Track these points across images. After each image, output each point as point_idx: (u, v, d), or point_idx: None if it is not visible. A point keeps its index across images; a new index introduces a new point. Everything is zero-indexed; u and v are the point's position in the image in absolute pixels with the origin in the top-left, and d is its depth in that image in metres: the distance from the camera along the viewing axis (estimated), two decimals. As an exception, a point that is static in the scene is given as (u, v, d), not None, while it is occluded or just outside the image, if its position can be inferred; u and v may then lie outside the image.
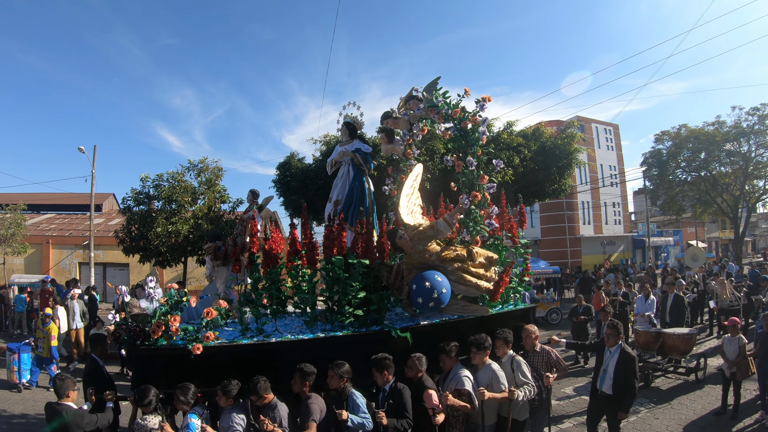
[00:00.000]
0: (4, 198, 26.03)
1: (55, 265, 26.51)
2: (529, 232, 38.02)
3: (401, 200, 5.15)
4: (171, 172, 16.09)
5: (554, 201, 24.99)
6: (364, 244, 4.53)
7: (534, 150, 14.37)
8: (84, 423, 4.00)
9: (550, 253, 33.00)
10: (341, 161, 5.90)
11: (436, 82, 5.57)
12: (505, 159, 13.14)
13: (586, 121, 34.52)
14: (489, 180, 4.89)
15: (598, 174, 35.79)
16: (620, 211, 38.78)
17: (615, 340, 4.99)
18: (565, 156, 14.84)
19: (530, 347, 4.94)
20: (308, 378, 4.07)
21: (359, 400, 4.03)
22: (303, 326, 4.76)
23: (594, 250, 34.24)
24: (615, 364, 4.89)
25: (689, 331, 8.65)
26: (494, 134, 14.34)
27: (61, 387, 4.05)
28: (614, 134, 38.87)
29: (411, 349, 4.39)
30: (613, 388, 4.87)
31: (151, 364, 4.28)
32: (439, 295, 4.41)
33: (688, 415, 6.93)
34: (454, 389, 4.25)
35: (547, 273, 19.72)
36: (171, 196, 15.55)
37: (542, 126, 15.97)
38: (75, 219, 31.12)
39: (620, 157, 38.92)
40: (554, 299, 17.22)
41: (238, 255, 4.61)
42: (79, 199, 31.18)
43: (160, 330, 4.12)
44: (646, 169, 29.88)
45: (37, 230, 27.47)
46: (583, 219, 35.75)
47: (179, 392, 3.98)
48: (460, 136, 5.06)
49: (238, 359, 4.31)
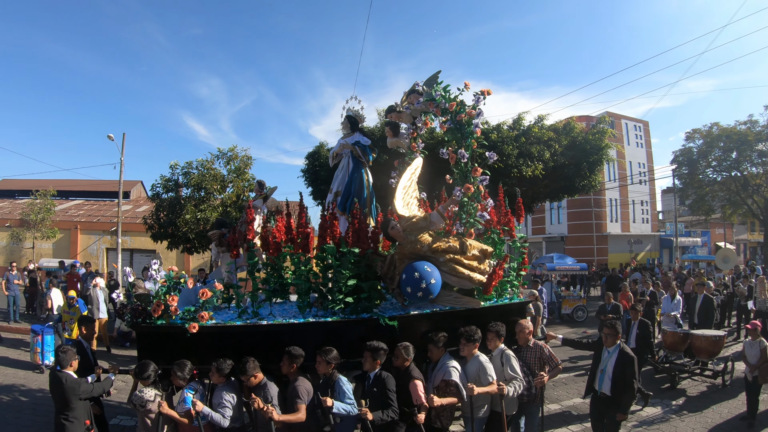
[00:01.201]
0: (34, 184, 27.14)
1: (83, 250, 27.41)
2: (555, 228, 37.86)
3: (397, 192, 5.23)
4: (200, 159, 16.31)
5: (582, 197, 24.56)
6: (355, 233, 4.63)
7: (565, 145, 14.17)
8: (80, 390, 4.36)
9: (576, 250, 32.47)
10: (342, 153, 6.02)
11: (436, 75, 5.60)
12: (536, 153, 13.15)
13: (616, 117, 33.55)
14: (482, 172, 4.90)
15: (626, 171, 34.91)
16: (648, 210, 37.87)
17: (613, 340, 4.90)
18: (596, 152, 14.54)
19: (523, 342, 4.95)
20: (296, 360, 4.22)
21: (345, 387, 4.15)
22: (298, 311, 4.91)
23: (621, 249, 33.76)
24: (614, 364, 4.80)
25: (718, 334, 8.52)
26: (525, 128, 14.23)
27: (64, 358, 4.43)
28: (644, 131, 37.79)
29: (400, 338, 4.49)
30: (612, 389, 4.79)
31: (152, 341, 4.56)
32: (428, 285, 4.47)
33: (714, 419, 6.82)
34: (441, 380, 4.34)
35: (574, 270, 19.54)
36: (200, 184, 15.73)
37: (573, 120, 15.68)
38: (103, 205, 32.11)
39: (650, 154, 37.82)
40: (580, 296, 17.08)
41: (235, 242, 4.76)
42: (108, 186, 32.22)
43: (160, 309, 4.35)
44: (676, 168, 29.03)
45: (65, 216, 28.44)
46: (611, 216, 35.05)
47: (176, 368, 4.23)
48: (456, 129, 5.09)
49: (232, 340, 4.51)
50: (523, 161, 13.14)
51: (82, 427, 4.36)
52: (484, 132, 13.65)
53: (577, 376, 9.01)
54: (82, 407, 4.42)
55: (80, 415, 4.36)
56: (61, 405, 4.32)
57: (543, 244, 38.24)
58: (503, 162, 12.77)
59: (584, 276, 20.49)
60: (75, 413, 4.32)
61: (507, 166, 12.93)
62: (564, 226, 36.13)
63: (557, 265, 19.41)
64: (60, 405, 4.33)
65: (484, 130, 13.80)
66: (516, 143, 13.36)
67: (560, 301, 16.14)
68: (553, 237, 37.32)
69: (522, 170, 13.06)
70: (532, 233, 38.11)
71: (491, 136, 13.38)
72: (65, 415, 4.29)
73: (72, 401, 4.30)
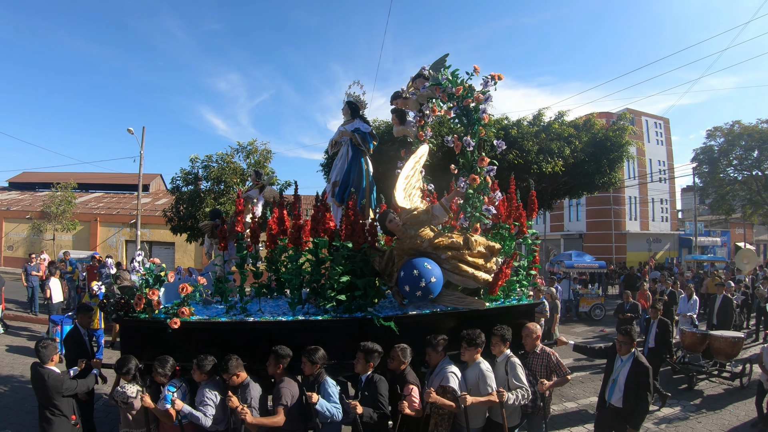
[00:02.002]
0: (54, 177, 27.64)
1: (103, 242, 27.87)
2: (574, 226, 37.55)
3: (398, 182, 4.86)
4: (220, 153, 16.29)
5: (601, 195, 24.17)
6: (349, 226, 4.30)
7: (585, 141, 13.96)
8: (63, 388, 4.18)
9: (595, 248, 32.08)
10: (341, 141, 5.68)
11: (444, 59, 5.20)
12: (556, 149, 13.01)
13: (636, 113, 33.09)
14: (490, 162, 4.49)
15: (646, 169, 34.30)
16: (668, 208, 37.29)
17: (628, 348, 4.45)
18: (616, 149, 14.28)
19: (530, 347, 4.56)
20: (282, 360, 3.94)
21: (331, 389, 3.87)
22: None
23: (639, 247, 33.46)
24: (626, 374, 4.36)
25: (737, 335, 8.30)
26: (545, 124, 14.05)
27: (44, 353, 4.21)
28: (665, 128, 37.10)
29: (397, 340, 4.15)
30: (624, 401, 4.35)
31: (135, 335, 4.36)
32: (427, 284, 4.10)
33: (730, 421, 6.68)
34: (439, 385, 3.98)
35: (592, 267, 19.15)
36: (220, 177, 15.73)
37: (594, 117, 15.39)
38: (123, 198, 32.65)
39: (670, 152, 37.12)
40: (598, 294, 16.87)
41: (223, 233, 4.48)
42: (127, 179, 32.67)
43: (141, 302, 4.14)
44: (696, 166, 28.31)
45: (85, 208, 28.96)
46: (630, 214, 34.68)
47: (157, 364, 4.03)
48: (462, 115, 4.68)
49: (216, 336, 4.25)
50: (543, 157, 13.01)
51: (68, 423, 4.21)
52: (505, 127, 13.46)
53: (593, 374, 8.84)
54: (68, 402, 4.26)
55: (65, 410, 4.21)
56: (45, 400, 4.17)
57: (561, 241, 38.00)
58: (523, 158, 12.67)
59: (602, 274, 20.08)
60: (59, 409, 4.17)
61: (527, 162, 12.79)
62: (582, 223, 35.86)
63: (576, 262, 19.20)
64: (44, 400, 4.18)
65: (505, 125, 13.65)
66: (536, 139, 13.28)
67: (578, 299, 16.04)
68: (572, 234, 37.05)
69: (542, 166, 12.91)
70: (551, 230, 37.82)
71: (511, 131, 13.22)
72: (50, 411, 4.15)
73: (54, 397, 4.14)
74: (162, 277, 4.20)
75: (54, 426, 4.12)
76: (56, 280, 10.68)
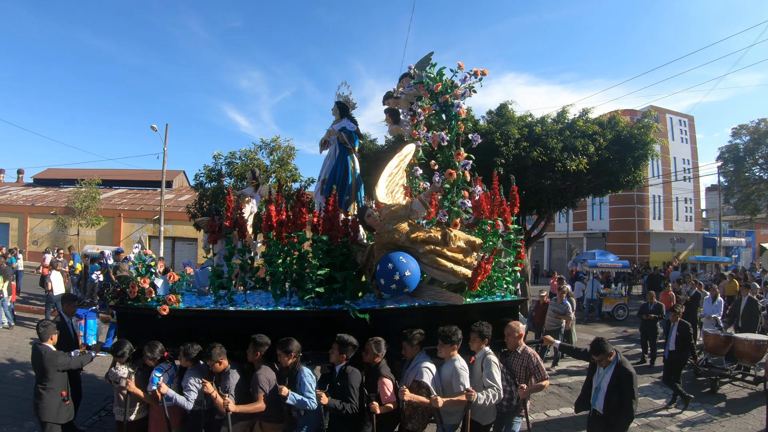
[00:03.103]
0: (78, 173, 28.62)
1: (126, 238, 28.69)
2: (597, 224, 36.93)
3: (381, 178, 4.97)
4: (244, 150, 16.61)
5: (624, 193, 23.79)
6: (327, 221, 4.43)
7: (609, 139, 13.76)
8: (58, 362, 4.53)
9: (618, 247, 31.41)
10: (329, 140, 5.83)
11: (429, 57, 5.26)
12: (580, 147, 12.90)
13: (660, 111, 32.22)
14: (466, 157, 4.54)
15: (670, 167, 33.42)
16: (692, 208, 36.19)
17: (607, 362, 4.30)
18: (641, 146, 13.99)
19: (512, 346, 4.52)
20: (260, 348, 4.11)
21: (306, 379, 4.00)
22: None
23: (663, 247, 32.64)
24: (609, 380, 4.24)
25: (762, 338, 8.17)
26: (569, 121, 14.03)
27: (44, 332, 4.60)
28: (689, 126, 35.96)
29: (373, 333, 4.26)
30: (605, 407, 4.25)
31: (130, 321, 4.67)
32: (402, 277, 4.19)
33: (754, 425, 6.57)
34: (413, 380, 4.06)
35: (616, 267, 18.94)
36: (243, 174, 15.83)
37: (618, 114, 15.17)
38: (146, 194, 33.53)
39: (694, 150, 35.93)
40: (622, 294, 16.71)
41: (213, 228, 4.68)
42: (151, 176, 33.47)
43: (135, 291, 4.41)
44: (721, 165, 27.45)
45: (109, 204, 29.95)
46: (654, 213, 33.89)
47: (147, 349, 4.29)
48: (440, 111, 4.76)
49: (201, 323, 4.49)
50: (567, 155, 12.88)
51: (58, 397, 4.54)
52: (529, 125, 13.48)
53: None
54: (60, 378, 4.58)
55: (57, 385, 4.53)
56: (40, 375, 4.51)
57: (584, 240, 37.42)
58: (547, 156, 12.66)
59: (626, 274, 19.79)
60: (52, 383, 4.49)
61: (551, 160, 12.76)
62: (606, 222, 35.20)
63: (599, 261, 19.08)
64: (39, 376, 4.52)
65: (528, 122, 13.67)
66: (560, 137, 13.16)
67: (601, 299, 15.92)
68: (594, 233, 36.41)
69: (566, 164, 12.80)
70: (573, 229, 37.46)
71: (535, 129, 13.24)
72: (43, 385, 4.48)
73: (49, 372, 4.47)
74: (152, 267, 4.42)
75: (45, 400, 4.45)
76: (57, 274, 11.17)
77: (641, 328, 10.28)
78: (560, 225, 37.44)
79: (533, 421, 6.68)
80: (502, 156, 12.51)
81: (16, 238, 28.96)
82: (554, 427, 6.47)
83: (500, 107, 14.33)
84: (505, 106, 14.17)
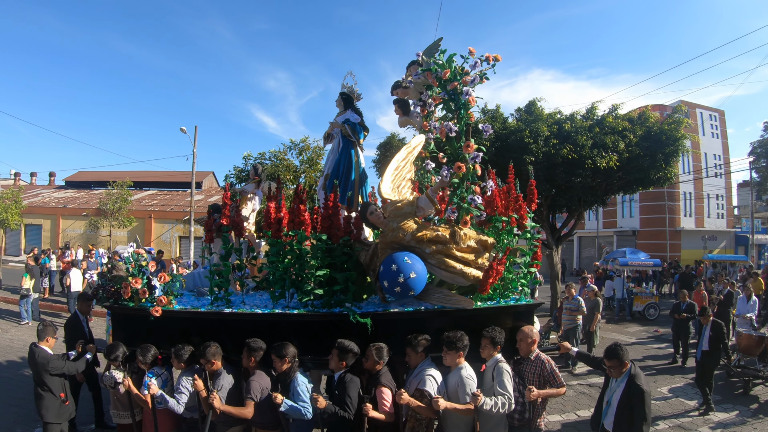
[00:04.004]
0: (109, 175, 29.40)
1: (157, 238, 29.31)
2: (627, 222, 36.03)
3: (387, 172, 4.65)
4: (273, 150, 16.76)
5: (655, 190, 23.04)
6: (326, 218, 4.15)
7: (639, 135, 13.48)
8: (50, 366, 4.46)
9: (648, 245, 30.65)
10: (333, 134, 5.55)
11: (437, 43, 4.91)
12: (610, 143, 12.72)
13: (690, 105, 31.42)
14: (477, 148, 4.18)
15: (701, 163, 32.36)
16: (723, 204, 35.01)
17: (620, 371, 3.92)
18: (672, 142, 13.63)
19: (525, 353, 4.16)
20: (254, 353, 3.90)
21: (301, 387, 3.76)
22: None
23: (694, 245, 31.73)
24: (620, 396, 3.85)
25: None
26: (599, 117, 13.81)
27: (42, 332, 4.58)
28: (719, 121, 34.79)
29: (375, 338, 3.97)
30: (614, 425, 3.84)
31: (124, 322, 4.55)
32: (406, 279, 3.87)
33: None
34: (416, 389, 3.76)
35: (647, 265, 18.37)
36: (273, 174, 15.95)
37: (648, 110, 14.79)
38: (176, 195, 34.24)
39: (725, 145, 34.79)
40: (653, 293, 16.33)
41: (210, 226, 4.48)
42: (181, 177, 34.22)
43: (128, 291, 4.27)
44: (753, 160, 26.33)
45: (140, 205, 30.69)
46: (684, 211, 32.99)
47: (139, 352, 4.17)
48: (449, 100, 4.40)
49: (195, 325, 4.33)
50: (597, 152, 12.66)
51: (57, 399, 4.49)
52: (558, 121, 13.28)
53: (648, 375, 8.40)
54: (57, 380, 4.53)
55: (55, 387, 4.50)
56: (37, 377, 4.49)
57: (614, 238, 36.55)
58: (577, 153, 12.46)
59: (657, 272, 19.09)
60: (49, 385, 4.45)
61: (581, 157, 12.53)
62: (636, 219, 34.33)
63: (630, 260, 18.45)
64: (36, 377, 4.50)
65: (558, 119, 13.48)
66: (590, 133, 12.93)
67: (632, 298, 15.62)
68: (625, 231, 35.50)
69: (596, 161, 12.56)
70: (603, 227, 36.66)
71: (565, 125, 13.05)
72: (41, 387, 4.46)
73: (43, 375, 4.43)
74: (144, 267, 4.26)
75: (44, 402, 4.42)
76: (77, 271, 11.41)
77: (673, 327, 10.15)
78: (590, 223, 36.59)
79: (564, 422, 6.58)
80: (532, 154, 12.33)
81: (49, 239, 29.97)
82: (584, 428, 6.24)
83: (529, 104, 14.12)
84: (534, 103, 13.95)
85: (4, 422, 5.51)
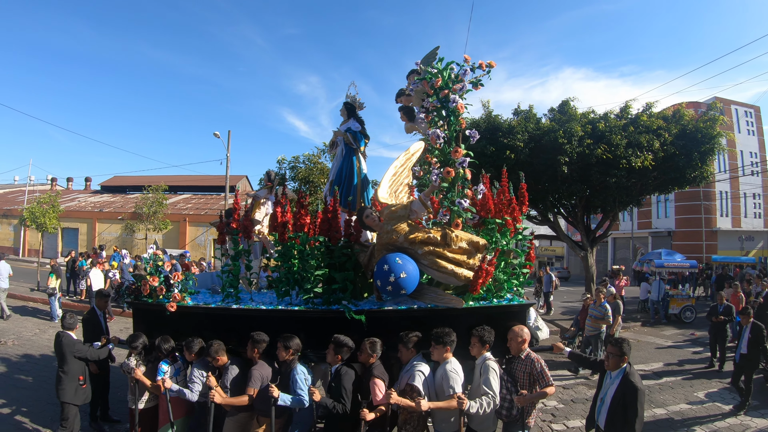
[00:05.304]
0: (144, 180, 30.69)
1: (191, 241, 30.28)
2: (662, 223, 35.09)
3: (384, 178, 4.92)
4: (307, 154, 17.19)
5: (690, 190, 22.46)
6: (325, 221, 4.46)
7: (674, 133, 13.19)
8: (75, 349, 5.02)
9: (684, 246, 29.64)
10: (337, 141, 5.89)
11: (434, 52, 5.14)
12: (645, 143, 12.54)
13: (725, 102, 30.17)
14: (464, 153, 4.38)
15: (737, 161, 30.97)
16: (761, 204, 33.47)
17: (617, 362, 3.91)
18: (708, 140, 13.30)
19: (515, 351, 4.27)
20: (257, 345, 4.23)
21: (299, 377, 4.06)
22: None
23: (731, 245, 30.66)
24: (613, 393, 3.85)
25: None
26: (633, 116, 13.62)
27: (68, 322, 5.16)
28: (755, 117, 33.35)
29: (370, 333, 4.22)
30: (607, 423, 3.85)
31: (143, 316, 5.02)
32: (397, 279, 4.11)
33: None
34: (407, 383, 3.98)
35: (683, 267, 17.88)
36: (307, 177, 16.52)
37: (682, 107, 14.39)
38: (210, 199, 35.30)
39: (762, 143, 33.29)
40: (689, 295, 15.91)
41: (222, 229, 4.85)
42: (215, 181, 35.25)
43: (147, 288, 4.71)
44: (790, 158, 24.99)
45: (175, 209, 31.85)
46: (721, 210, 31.75)
47: (161, 341, 4.58)
48: (441, 107, 4.64)
49: (206, 319, 4.73)
50: (632, 151, 12.50)
51: (75, 381, 5.00)
52: (592, 121, 13.19)
53: (685, 379, 8.70)
54: (78, 364, 5.05)
55: (75, 371, 5.01)
56: (60, 360, 5.00)
57: (649, 239, 35.37)
58: (612, 152, 12.33)
59: (693, 274, 18.56)
60: (70, 368, 4.97)
61: (615, 157, 12.39)
62: (671, 220, 33.29)
63: (666, 261, 18.17)
64: (59, 360, 5.01)
65: (591, 119, 13.34)
66: (624, 133, 12.75)
67: (667, 301, 15.18)
68: (660, 232, 34.37)
69: (631, 161, 12.38)
70: (638, 228, 35.47)
71: (599, 125, 12.89)
72: (62, 369, 4.97)
73: (67, 357, 4.94)
74: (160, 267, 4.66)
75: (63, 383, 4.92)
76: (97, 271, 12.03)
77: (710, 330, 9.87)
78: (624, 224, 35.55)
79: (574, 426, 6.51)
80: (566, 154, 12.22)
81: (85, 242, 31.38)
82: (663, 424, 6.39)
83: (562, 104, 14.04)
84: (567, 103, 13.86)
85: (41, 420, 5.91)
